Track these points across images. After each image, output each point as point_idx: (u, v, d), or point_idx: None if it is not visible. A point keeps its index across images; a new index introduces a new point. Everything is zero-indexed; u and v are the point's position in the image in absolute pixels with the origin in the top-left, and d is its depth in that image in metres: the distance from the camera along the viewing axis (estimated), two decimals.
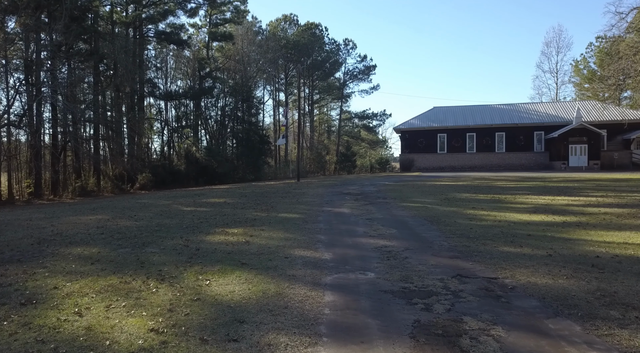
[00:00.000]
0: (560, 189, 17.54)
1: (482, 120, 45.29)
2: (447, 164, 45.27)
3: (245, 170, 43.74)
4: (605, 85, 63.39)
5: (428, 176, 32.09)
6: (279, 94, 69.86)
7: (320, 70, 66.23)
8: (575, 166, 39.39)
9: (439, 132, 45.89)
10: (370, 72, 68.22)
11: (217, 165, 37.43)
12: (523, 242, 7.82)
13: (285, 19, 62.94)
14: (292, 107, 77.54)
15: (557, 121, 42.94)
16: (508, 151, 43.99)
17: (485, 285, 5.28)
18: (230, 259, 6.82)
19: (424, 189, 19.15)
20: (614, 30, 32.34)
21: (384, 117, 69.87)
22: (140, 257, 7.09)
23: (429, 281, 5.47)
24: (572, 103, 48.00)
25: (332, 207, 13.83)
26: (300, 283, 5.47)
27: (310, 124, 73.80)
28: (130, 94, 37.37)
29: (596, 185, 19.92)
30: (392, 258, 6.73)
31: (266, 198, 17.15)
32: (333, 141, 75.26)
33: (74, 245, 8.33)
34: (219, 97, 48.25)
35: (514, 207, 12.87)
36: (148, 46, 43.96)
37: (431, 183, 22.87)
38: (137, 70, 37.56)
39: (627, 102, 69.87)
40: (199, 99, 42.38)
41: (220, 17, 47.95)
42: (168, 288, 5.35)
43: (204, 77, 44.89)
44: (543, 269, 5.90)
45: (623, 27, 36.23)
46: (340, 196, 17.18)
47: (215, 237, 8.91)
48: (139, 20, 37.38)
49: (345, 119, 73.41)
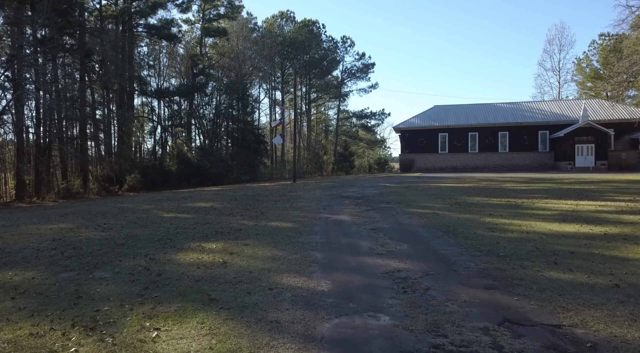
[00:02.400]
0: (579, 192, 15.98)
1: (485, 120, 43.77)
2: (448, 164, 43.73)
3: (240, 171, 42.12)
4: (611, 84, 61.94)
5: (430, 177, 30.54)
6: (275, 92, 68.28)
7: (318, 68, 64.70)
8: (581, 166, 37.91)
9: (440, 131, 44.35)
10: (368, 70, 66.73)
11: (210, 166, 35.78)
12: (570, 263, 6.23)
13: (282, 15, 61.36)
14: (288, 106, 76.03)
15: (562, 120, 41.45)
16: (511, 151, 42.47)
17: (552, 341, 3.66)
18: (196, 291, 5.20)
19: (430, 192, 17.57)
20: (624, 25, 30.76)
21: (383, 116, 68.40)
22: (81, 288, 5.46)
23: (469, 333, 3.85)
24: (577, 101, 46.52)
25: (330, 213, 12.23)
26: (285, 336, 3.85)
27: (307, 123, 72.29)
28: (119, 91, 35.69)
29: (614, 187, 18.38)
30: (409, 290, 5.12)
31: (258, 202, 15.53)
32: (331, 141, 73.74)
33: (7, 267, 6.69)
34: (213, 95, 46.64)
35: (537, 213, 11.29)
36: (140, 43, 42.36)
37: (435, 185, 21.31)
38: (127, 67, 35.88)
39: (630, 100, 68.65)
40: (192, 97, 40.69)
41: (214, 13, 46.32)
42: (94, 345, 3.74)
43: (197, 74, 43.25)
44: (621, 310, 4.31)
45: (630, 22, 34.59)
46: (339, 200, 15.56)
47: (188, 255, 7.29)
48: (128, 14, 35.71)
49: (343, 118, 71.88)
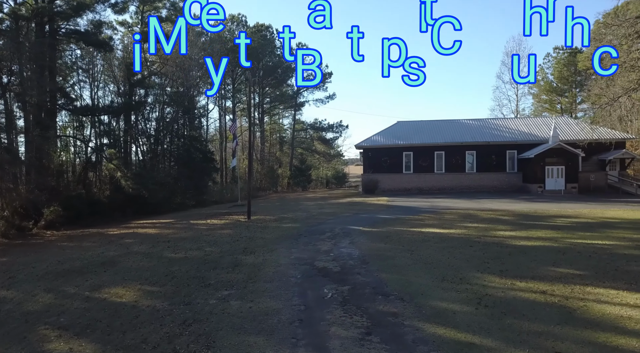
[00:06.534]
0: (628, 258, 12.78)
1: (452, 138, 41.47)
2: (414, 186, 41.01)
3: (185, 195, 37.30)
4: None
5: (402, 209, 27.29)
6: (225, 101, 63.55)
7: (272, 77, 60.77)
8: (552, 189, 36.28)
9: (404, 149, 41.59)
10: (325, 80, 63.49)
11: (149, 195, 30.77)
12: None
13: (233, 19, 56.87)
14: (239, 115, 71.24)
15: (531, 139, 39.86)
16: (479, 171, 40.39)
17: None
18: None
19: (422, 255, 13.99)
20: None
21: (341, 128, 65.46)
22: None
23: None
24: (545, 119, 45.35)
25: (310, 336, 8.27)
26: None
27: (261, 133, 68.03)
28: (38, 106, 29.98)
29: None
30: None
31: (201, 288, 11.33)
32: (286, 153, 69.85)
33: None
34: (154, 108, 41.43)
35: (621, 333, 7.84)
36: (66, 49, 36.55)
37: (419, 232, 17.91)
38: (47, 78, 30.24)
39: (581, 114, 69.49)
40: (128, 114, 35.44)
41: (155, 15, 41.20)
42: None
43: (135, 84, 37.98)
44: None
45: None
46: (314, 285, 11.57)
47: None
48: (48, 15, 30.09)
49: (300, 130, 68.26)
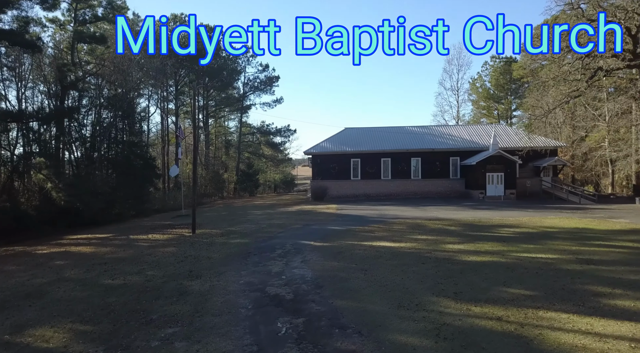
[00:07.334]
0: (584, 274, 13.09)
1: (398, 145, 42.18)
2: (362, 192, 41.31)
3: (124, 205, 35.25)
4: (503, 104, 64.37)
5: (351, 218, 27.22)
6: (167, 104, 61.11)
7: (217, 79, 59.12)
8: (492, 195, 37.84)
9: (352, 156, 41.82)
10: (272, 83, 62.83)
11: (83, 207, 28.68)
12: None
13: (175, 18, 54.73)
14: (183, 117, 68.76)
15: (472, 147, 41.34)
16: (424, 178, 41.36)
17: None
18: None
19: (375, 275, 13.79)
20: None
21: (288, 132, 64.96)
22: None
23: None
24: (485, 127, 47.21)
25: None
26: None
27: (205, 137, 66.04)
28: None
29: (621, 250, 16.23)
30: None
31: (139, 338, 10.40)
32: (232, 156, 68.28)
33: None
34: (89, 112, 38.86)
35: None
36: None
37: (369, 247, 17.75)
38: None
39: (516, 120, 73.26)
40: (60, 120, 32.93)
41: (89, 14, 38.63)
42: None
43: (67, 87, 35.39)
44: None
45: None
46: (266, 319, 11.00)
47: None
48: None
49: (247, 133, 67.02)
